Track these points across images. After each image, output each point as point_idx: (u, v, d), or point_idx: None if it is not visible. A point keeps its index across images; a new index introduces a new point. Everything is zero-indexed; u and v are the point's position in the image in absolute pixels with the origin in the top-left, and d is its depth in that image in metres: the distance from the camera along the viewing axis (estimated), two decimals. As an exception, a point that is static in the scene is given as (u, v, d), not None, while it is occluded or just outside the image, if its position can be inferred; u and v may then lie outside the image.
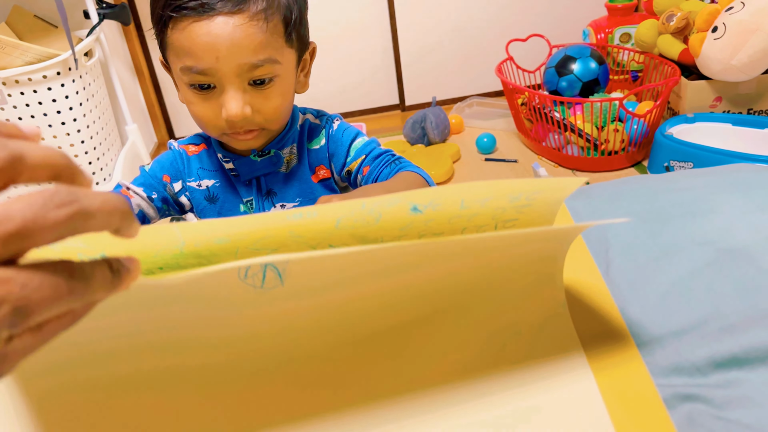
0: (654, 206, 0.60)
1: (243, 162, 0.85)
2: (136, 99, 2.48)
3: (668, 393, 0.43)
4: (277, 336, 0.44)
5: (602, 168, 1.97)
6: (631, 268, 0.54)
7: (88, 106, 1.98)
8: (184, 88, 0.75)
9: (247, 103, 0.73)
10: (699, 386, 0.43)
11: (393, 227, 0.47)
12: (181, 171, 0.88)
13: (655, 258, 0.54)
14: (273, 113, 0.76)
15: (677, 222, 0.57)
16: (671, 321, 0.48)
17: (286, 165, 0.87)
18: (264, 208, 0.87)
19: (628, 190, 0.65)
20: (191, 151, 0.88)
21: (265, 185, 0.87)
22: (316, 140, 0.88)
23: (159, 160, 0.89)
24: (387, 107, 2.73)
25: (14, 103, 1.87)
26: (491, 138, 2.19)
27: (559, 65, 2.10)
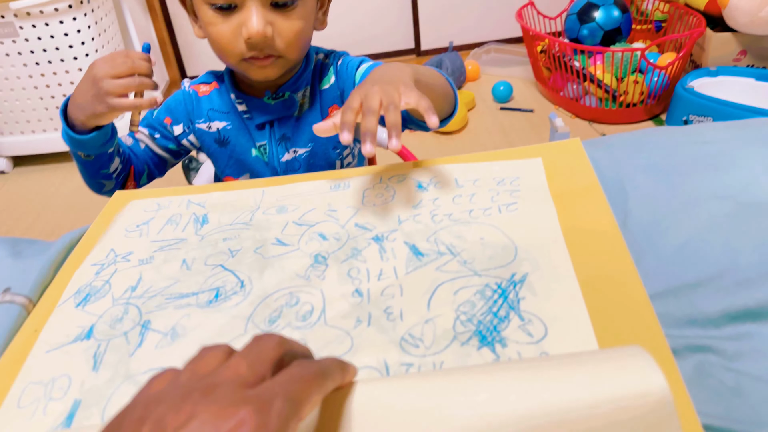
0: (675, 159, 0.59)
1: (256, 104, 0.84)
2: (148, 36, 2.44)
3: (680, 344, 0.43)
4: None
5: (619, 120, 1.94)
6: (648, 219, 0.53)
7: (100, 42, 1.96)
8: (203, 11, 0.73)
9: (269, 22, 0.72)
10: (711, 338, 0.43)
11: (407, 205, 0.62)
12: (190, 112, 0.87)
13: (673, 210, 0.53)
14: (294, 38, 0.75)
15: (698, 175, 0.56)
16: (687, 273, 0.48)
17: (299, 109, 0.85)
18: (278, 154, 0.86)
19: (649, 142, 0.64)
20: (202, 92, 0.87)
21: (278, 130, 0.86)
22: (326, 79, 0.87)
23: (167, 102, 0.89)
24: (402, 51, 2.68)
25: (26, 36, 1.85)
26: (508, 86, 2.15)
27: (581, 12, 2.04)
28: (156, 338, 0.53)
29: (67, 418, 0.47)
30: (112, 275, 0.62)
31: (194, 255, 0.63)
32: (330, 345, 0.49)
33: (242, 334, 0.52)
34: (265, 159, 0.87)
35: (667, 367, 0.42)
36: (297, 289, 0.56)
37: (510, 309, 0.49)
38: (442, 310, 0.50)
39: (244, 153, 0.87)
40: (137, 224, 0.69)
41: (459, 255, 0.56)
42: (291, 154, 0.87)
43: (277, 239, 0.63)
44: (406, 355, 0.47)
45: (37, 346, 0.55)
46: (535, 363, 0.38)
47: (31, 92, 1.96)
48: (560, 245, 0.54)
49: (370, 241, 0.60)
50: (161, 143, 0.89)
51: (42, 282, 0.63)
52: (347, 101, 0.59)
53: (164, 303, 0.57)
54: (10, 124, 2.04)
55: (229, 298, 0.56)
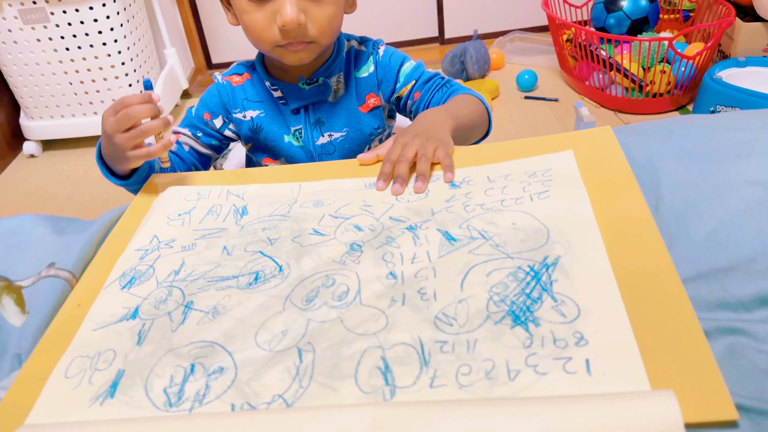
0: (708, 145, 0.60)
1: (291, 89, 0.86)
2: (174, 23, 2.46)
3: (711, 326, 0.44)
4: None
5: (646, 110, 1.92)
6: (680, 205, 0.54)
7: (128, 28, 1.98)
8: (238, 0, 0.75)
9: (302, 9, 0.73)
10: (743, 321, 0.44)
11: (440, 199, 0.64)
12: (227, 103, 0.89)
13: (705, 196, 0.54)
14: (326, 23, 0.76)
15: (731, 161, 0.56)
16: (719, 258, 0.48)
17: (333, 94, 0.87)
18: (313, 137, 0.88)
19: (681, 129, 0.64)
20: (235, 82, 0.89)
21: (313, 114, 0.87)
22: (364, 67, 0.88)
23: (203, 97, 0.91)
24: (425, 39, 2.67)
25: (56, 22, 1.88)
26: (532, 75, 2.14)
27: (608, 1, 2.02)
28: (198, 316, 0.55)
29: (111, 386, 0.50)
30: (156, 260, 0.64)
31: (234, 242, 0.65)
32: (366, 323, 0.51)
33: (280, 312, 0.54)
34: (300, 143, 0.88)
35: (699, 347, 0.42)
36: (333, 272, 0.58)
37: (543, 290, 0.50)
38: (475, 290, 0.51)
39: (276, 139, 0.89)
40: (179, 213, 0.72)
41: (491, 239, 0.57)
42: (326, 137, 0.88)
43: (314, 229, 0.65)
44: (440, 332, 0.48)
45: (84, 325, 0.57)
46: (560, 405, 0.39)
47: (60, 77, 2.00)
48: (593, 229, 0.55)
49: (403, 230, 0.61)
50: (205, 141, 0.91)
51: (84, 258, 0.66)
52: (389, 151, 0.71)
53: (206, 285, 0.59)
54: (40, 109, 2.08)
55: (267, 281, 0.58)
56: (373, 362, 0.47)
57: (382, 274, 0.56)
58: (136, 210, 0.74)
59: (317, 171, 0.76)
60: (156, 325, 0.55)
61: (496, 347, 0.46)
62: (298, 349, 0.50)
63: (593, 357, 0.43)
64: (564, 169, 0.65)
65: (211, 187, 0.76)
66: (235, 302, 0.56)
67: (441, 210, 0.63)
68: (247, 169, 0.94)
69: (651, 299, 0.47)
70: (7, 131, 2.15)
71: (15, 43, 1.92)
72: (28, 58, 1.96)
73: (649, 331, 0.44)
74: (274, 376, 0.48)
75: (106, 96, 2.04)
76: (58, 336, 0.56)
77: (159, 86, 2.16)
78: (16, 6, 1.85)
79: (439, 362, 0.46)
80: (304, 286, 0.57)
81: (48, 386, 0.51)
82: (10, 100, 2.15)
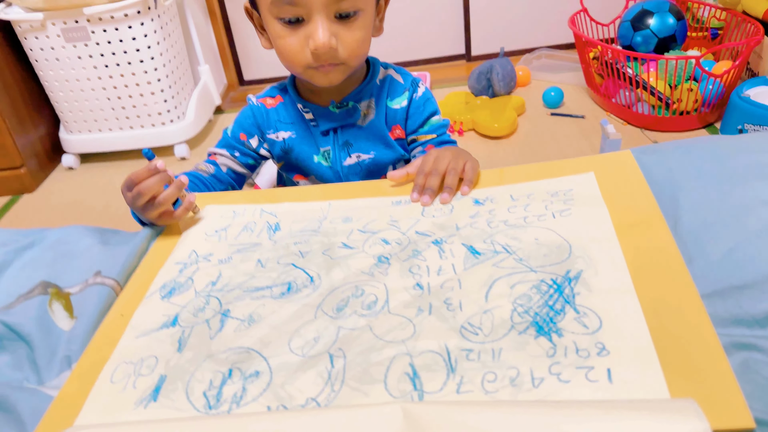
0: (725, 167, 0.61)
1: (322, 112, 0.89)
2: (208, 41, 2.54)
3: (726, 342, 0.46)
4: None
5: (672, 128, 1.92)
6: (698, 224, 0.56)
7: (165, 45, 2.05)
8: (272, 25, 0.78)
9: (333, 34, 0.76)
10: (757, 337, 0.46)
11: (464, 215, 0.68)
12: (261, 124, 0.93)
13: (722, 216, 0.55)
14: (356, 46, 0.79)
15: (748, 183, 0.58)
16: (734, 276, 0.50)
17: (362, 118, 0.90)
18: (340, 158, 0.92)
19: (700, 149, 0.66)
20: (269, 104, 0.94)
21: (342, 136, 0.91)
22: (398, 99, 0.91)
23: (238, 119, 0.95)
24: (452, 57, 2.71)
25: (97, 40, 1.95)
26: (559, 92, 2.15)
27: (635, 19, 2.03)
28: (235, 324, 0.58)
29: (155, 390, 0.53)
30: (195, 272, 0.68)
31: (268, 256, 0.68)
32: (394, 330, 0.53)
33: (312, 320, 0.57)
34: (329, 163, 0.92)
35: (716, 359, 0.44)
36: (362, 282, 0.61)
37: (565, 303, 0.52)
38: (500, 302, 0.54)
39: (306, 159, 0.93)
40: (216, 229, 0.75)
41: (515, 253, 0.60)
42: (354, 158, 0.92)
43: (343, 243, 0.68)
44: (466, 341, 0.50)
45: (128, 333, 0.60)
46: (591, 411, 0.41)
47: (99, 93, 2.07)
48: (614, 246, 0.57)
49: (429, 244, 0.64)
50: (242, 160, 0.95)
51: (128, 267, 0.69)
52: (422, 164, 0.74)
53: (242, 295, 0.62)
54: (79, 123, 2.15)
55: (299, 291, 0.61)
56: (401, 368, 0.49)
57: (409, 285, 0.59)
58: (176, 225, 0.78)
59: (345, 190, 0.80)
60: (195, 333, 0.58)
61: (520, 356, 0.48)
62: (330, 354, 0.52)
63: (614, 366, 0.45)
64: (585, 189, 0.67)
65: (245, 205, 0.80)
66: (270, 311, 0.59)
67: (465, 225, 0.66)
68: (279, 188, 0.98)
69: (670, 312, 0.49)
70: (47, 144, 2.23)
71: (57, 60, 2.00)
72: (69, 75, 2.03)
73: (668, 343, 0.46)
74: (308, 380, 0.50)
75: (143, 111, 2.10)
76: (104, 343, 0.60)
77: (193, 101, 2.22)
78: (59, 25, 1.93)
79: (466, 369, 0.48)
80: (334, 296, 0.59)
81: (95, 390, 0.54)
82: (50, 115, 2.24)
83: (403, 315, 0.55)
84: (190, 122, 2.19)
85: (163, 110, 2.11)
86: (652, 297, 0.51)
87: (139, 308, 0.63)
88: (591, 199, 0.65)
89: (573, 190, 0.68)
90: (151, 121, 2.13)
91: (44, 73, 2.05)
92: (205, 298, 0.63)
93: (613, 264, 0.55)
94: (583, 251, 0.58)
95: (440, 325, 0.53)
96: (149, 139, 2.16)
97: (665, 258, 0.54)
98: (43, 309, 0.63)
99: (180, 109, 2.17)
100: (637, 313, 0.49)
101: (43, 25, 1.93)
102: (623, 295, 0.51)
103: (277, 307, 0.60)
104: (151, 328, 0.60)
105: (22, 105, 2.10)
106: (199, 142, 2.30)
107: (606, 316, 0.50)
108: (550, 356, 0.47)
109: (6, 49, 2.04)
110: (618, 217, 0.61)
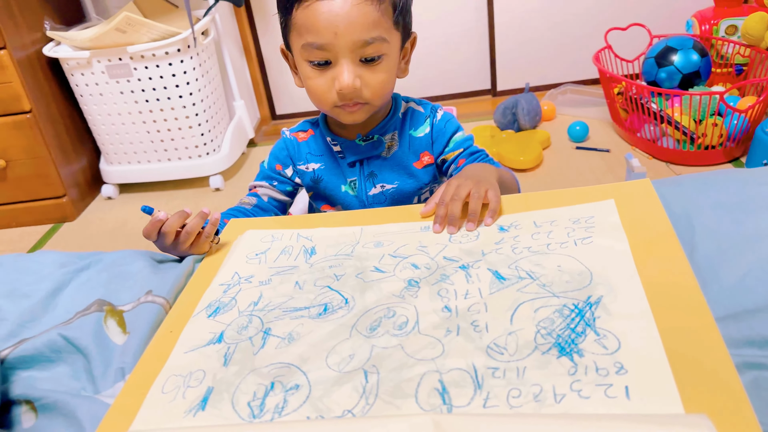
0: (741, 197, 0.65)
1: (349, 145, 0.95)
2: (243, 77, 2.64)
3: (738, 361, 0.48)
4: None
5: (698, 162, 1.94)
6: (713, 251, 0.59)
7: (203, 82, 2.15)
8: (303, 66, 0.85)
9: (357, 76, 0.82)
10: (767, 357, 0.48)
11: (490, 242, 0.72)
12: (293, 156, 1.00)
13: (737, 244, 0.58)
14: (380, 87, 0.85)
15: (761, 212, 0.61)
16: (748, 300, 0.53)
17: (387, 150, 0.96)
18: (366, 188, 0.97)
19: (717, 181, 0.69)
20: (300, 138, 1.00)
21: (367, 167, 0.97)
22: (421, 128, 0.97)
23: (273, 152, 1.02)
24: (478, 92, 2.77)
25: (139, 77, 2.06)
26: (584, 126, 2.19)
27: (659, 56, 2.07)
28: (276, 341, 0.63)
29: (202, 401, 0.57)
30: (238, 293, 0.72)
31: (305, 278, 0.73)
32: (424, 349, 0.57)
33: (347, 338, 0.61)
34: (355, 192, 0.97)
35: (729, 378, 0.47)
36: (393, 304, 0.65)
37: (586, 325, 0.55)
38: (524, 324, 0.57)
39: (334, 189, 0.99)
40: (256, 253, 0.81)
41: (538, 279, 0.63)
42: (378, 188, 0.97)
43: (376, 267, 0.72)
44: (492, 360, 0.54)
45: (177, 348, 0.65)
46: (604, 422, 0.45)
47: (139, 126, 2.17)
48: (632, 273, 0.60)
49: (457, 269, 0.68)
50: (281, 188, 1.02)
51: (176, 287, 0.75)
52: (443, 193, 0.78)
53: (282, 314, 0.67)
54: (119, 155, 2.25)
55: (335, 311, 0.65)
56: (431, 384, 0.53)
57: (438, 307, 0.62)
58: (219, 250, 0.84)
59: (377, 216, 0.84)
60: (239, 349, 0.63)
61: (543, 374, 0.51)
62: (364, 371, 0.56)
63: (632, 384, 0.48)
64: (606, 217, 0.71)
65: (283, 230, 0.85)
66: (308, 330, 0.63)
67: (491, 251, 0.70)
68: (314, 214, 1.04)
69: (685, 334, 0.52)
70: (88, 175, 2.33)
71: (101, 95, 2.11)
72: (111, 109, 2.14)
73: (683, 362, 0.49)
74: (344, 393, 0.54)
75: (180, 144, 2.19)
76: (155, 357, 0.65)
77: (228, 135, 2.31)
78: (104, 62, 2.03)
79: (492, 386, 0.51)
80: (367, 317, 0.64)
81: (147, 400, 0.59)
82: (92, 147, 2.34)
83: (433, 335, 0.59)
84: (224, 155, 2.27)
85: (199, 143, 2.20)
86: (668, 320, 0.54)
87: (187, 325, 0.68)
88: (611, 226, 0.69)
89: (594, 217, 0.71)
90: (188, 154, 2.22)
91: (88, 108, 2.16)
92: (248, 317, 0.67)
93: (632, 289, 0.58)
94: (603, 278, 0.61)
95: (467, 345, 0.56)
96: (185, 170, 2.24)
97: (681, 283, 0.57)
98: (99, 325, 0.69)
99: (216, 143, 2.26)
100: (654, 335, 0.52)
101: (89, 63, 2.04)
102: (641, 319, 0.55)
103: (314, 326, 0.64)
104: (198, 344, 0.65)
105: (67, 138, 2.21)
106: (233, 173, 2.37)
107: (624, 338, 0.53)
108: (572, 374, 0.51)
109: (54, 85, 2.16)
110: (636, 244, 0.64)
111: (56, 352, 0.66)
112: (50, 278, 0.77)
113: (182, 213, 0.80)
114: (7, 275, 0.79)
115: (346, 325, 0.63)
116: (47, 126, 2.10)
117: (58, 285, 0.76)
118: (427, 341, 0.58)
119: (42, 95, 2.09)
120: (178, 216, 0.80)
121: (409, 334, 0.60)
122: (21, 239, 2.16)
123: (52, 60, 2.12)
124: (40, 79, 2.09)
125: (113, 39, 1.97)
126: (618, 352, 0.52)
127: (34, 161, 2.11)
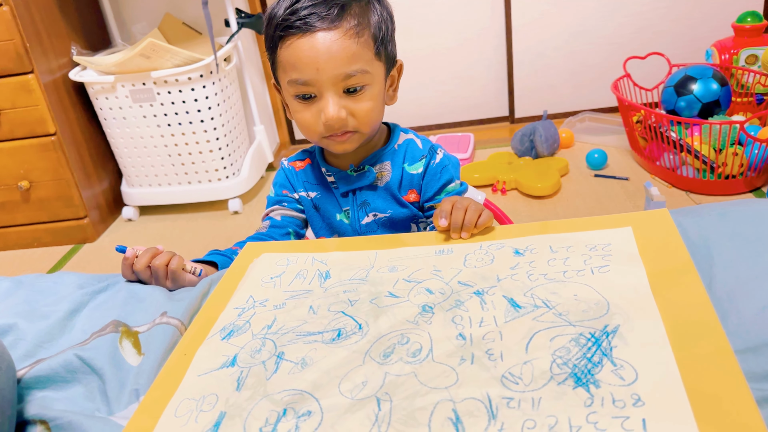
0: (759, 228, 0.64)
1: (341, 175, 0.97)
2: (263, 102, 2.67)
3: (759, 396, 0.48)
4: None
5: (718, 192, 1.92)
6: (732, 283, 0.58)
7: (224, 107, 2.18)
8: (290, 101, 0.87)
9: (342, 107, 0.84)
10: (789, 392, 0.47)
11: (505, 266, 0.71)
12: (292, 184, 1.03)
13: (756, 275, 0.58)
14: (365, 116, 0.86)
15: (782, 244, 0.60)
16: (767, 333, 0.52)
17: (378, 179, 0.96)
18: (359, 217, 0.99)
19: (735, 212, 0.68)
20: (298, 167, 1.03)
21: (359, 197, 0.98)
22: (415, 165, 0.97)
23: (275, 182, 1.05)
24: (496, 119, 2.77)
25: (162, 101, 2.09)
26: (602, 154, 2.18)
27: (678, 85, 2.07)
28: (289, 366, 0.63)
29: (215, 426, 0.57)
30: (252, 317, 0.73)
31: (319, 303, 0.73)
32: (438, 378, 0.56)
33: (360, 365, 0.60)
34: (349, 221, 0.98)
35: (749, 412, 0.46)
36: (407, 331, 0.64)
37: (603, 355, 0.54)
38: (540, 353, 0.56)
39: (331, 217, 1.00)
40: (271, 276, 0.81)
41: (554, 308, 0.62)
42: (371, 217, 0.98)
43: (390, 292, 0.72)
44: (507, 390, 0.53)
45: (190, 371, 0.65)
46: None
47: (161, 150, 2.20)
48: (650, 302, 0.60)
49: (471, 295, 0.68)
50: (293, 207, 1.03)
51: (191, 309, 0.75)
52: (444, 210, 0.81)
53: (295, 338, 0.67)
54: (140, 177, 2.28)
55: (349, 337, 0.65)
56: (445, 413, 0.52)
57: (452, 335, 0.62)
58: (234, 273, 0.84)
59: (392, 240, 0.84)
60: (252, 373, 0.63)
61: (559, 405, 0.51)
62: (377, 398, 0.56)
63: (649, 416, 0.47)
64: (623, 245, 0.70)
65: (298, 254, 0.85)
66: (321, 355, 0.63)
67: (506, 277, 0.69)
68: (329, 239, 1.04)
69: (704, 367, 0.51)
70: (109, 197, 2.37)
71: (124, 119, 2.15)
72: (134, 132, 2.17)
73: (702, 395, 0.48)
74: (356, 420, 0.54)
75: (200, 167, 2.22)
76: (169, 380, 0.65)
77: (248, 159, 2.34)
78: (128, 87, 2.08)
79: (506, 416, 0.51)
80: (381, 343, 0.63)
81: (160, 423, 0.59)
82: (114, 169, 2.38)
83: (447, 363, 0.58)
84: (244, 178, 2.29)
85: (219, 167, 2.23)
86: (687, 352, 0.53)
87: (200, 348, 0.68)
88: (628, 255, 0.68)
89: (611, 245, 0.71)
90: (208, 177, 2.25)
91: (111, 131, 2.20)
92: (261, 341, 0.68)
93: (650, 319, 0.57)
94: (620, 308, 0.60)
95: (482, 374, 0.56)
96: (205, 193, 2.27)
97: (700, 314, 0.56)
98: (114, 345, 0.69)
99: (235, 166, 2.28)
100: (672, 367, 0.51)
101: (114, 87, 2.08)
102: (659, 350, 0.54)
103: (328, 351, 0.64)
104: (211, 367, 0.65)
105: (89, 160, 2.25)
106: (252, 197, 2.40)
107: (642, 369, 0.52)
108: (588, 406, 0.50)
109: (79, 109, 2.20)
110: (654, 274, 0.64)
111: (72, 373, 0.66)
112: (68, 299, 0.78)
113: (150, 250, 0.86)
114: (26, 295, 0.80)
115: (360, 351, 0.63)
116: (71, 148, 2.14)
117: (75, 306, 0.77)
118: (441, 369, 0.58)
119: (67, 118, 2.13)
120: (145, 253, 0.85)
121: (422, 362, 0.59)
122: (42, 259, 2.19)
123: (78, 84, 2.17)
124: (65, 103, 2.13)
125: (138, 64, 2.01)
126: (635, 384, 0.51)
127: (57, 183, 2.15)
